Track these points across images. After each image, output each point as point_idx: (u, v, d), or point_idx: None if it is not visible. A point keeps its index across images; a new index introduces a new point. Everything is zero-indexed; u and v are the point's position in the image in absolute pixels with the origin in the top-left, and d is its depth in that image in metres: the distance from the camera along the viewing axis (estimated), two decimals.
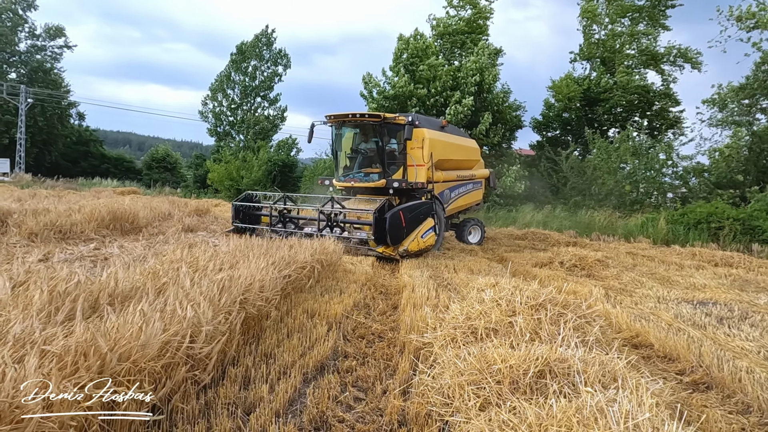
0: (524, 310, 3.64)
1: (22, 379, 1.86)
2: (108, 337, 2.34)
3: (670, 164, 21.52)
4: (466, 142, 13.98)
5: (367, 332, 4.56)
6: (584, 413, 2.18)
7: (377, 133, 11.03)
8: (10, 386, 1.79)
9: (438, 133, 11.92)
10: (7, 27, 45.69)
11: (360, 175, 11.23)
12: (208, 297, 3.41)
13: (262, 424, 2.66)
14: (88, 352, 2.17)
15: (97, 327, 2.45)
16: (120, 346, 2.32)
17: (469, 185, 13.54)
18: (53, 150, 47.35)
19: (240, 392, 3.05)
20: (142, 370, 2.36)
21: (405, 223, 8.92)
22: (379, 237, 8.78)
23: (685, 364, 4.20)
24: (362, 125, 11.16)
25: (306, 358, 3.63)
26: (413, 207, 9.39)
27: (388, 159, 11.02)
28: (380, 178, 10.92)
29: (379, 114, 10.78)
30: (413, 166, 11.18)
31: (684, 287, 8.04)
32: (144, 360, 2.39)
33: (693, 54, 27.72)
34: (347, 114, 10.76)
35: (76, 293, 3.26)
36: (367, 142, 11.37)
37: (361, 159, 11.42)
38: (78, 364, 2.09)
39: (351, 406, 3.06)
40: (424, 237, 9.54)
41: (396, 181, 10.78)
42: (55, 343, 2.29)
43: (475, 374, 2.82)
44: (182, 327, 2.79)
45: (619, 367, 2.81)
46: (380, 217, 8.79)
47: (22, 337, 2.38)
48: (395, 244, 8.92)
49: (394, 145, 11.18)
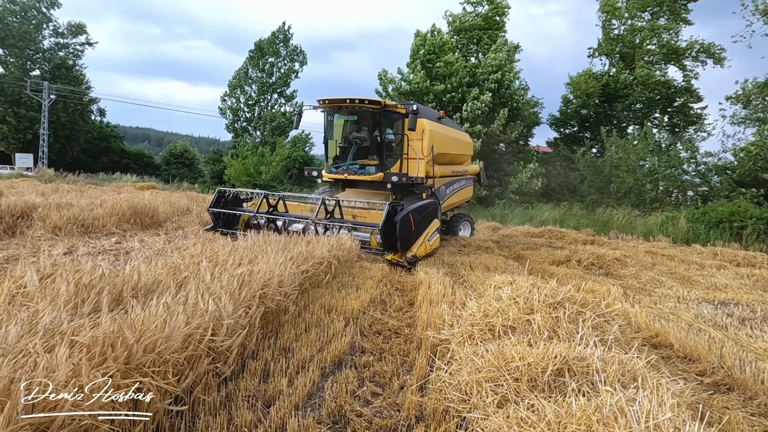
0: (542, 308, 3.62)
1: (54, 368, 1.93)
2: (134, 329, 2.40)
3: (691, 162, 21.11)
4: (461, 136, 13.35)
5: (383, 328, 4.58)
6: (604, 412, 2.17)
7: (376, 122, 10.11)
8: (42, 374, 1.86)
9: (437, 124, 11.18)
10: (32, 25, 46.66)
11: (355, 167, 10.27)
12: (228, 291, 3.46)
13: (281, 417, 2.70)
14: (115, 343, 2.22)
15: (123, 319, 2.51)
16: (145, 338, 2.38)
17: (462, 181, 12.89)
18: (75, 145, 48.29)
19: (260, 385, 3.10)
20: (166, 361, 2.42)
21: (414, 227, 8.07)
22: (387, 242, 7.89)
23: (705, 365, 4.15)
24: (360, 112, 10.07)
25: (324, 353, 3.67)
26: (422, 208, 8.41)
27: (386, 150, 10.18)
28: (377, 171, 10.04)
29: (379, 100, 9.75)
30: (413, 159, 10.34)
31: (705, 287, 7.92)
32: (168, 352, 2.44)
33: (716, 49, 27.13)
34: (344, 99, 9.75)
35: (101, 286, 3.34)
36: (360, 131, 10.42)
37: (355, 149, 10.42)
38: (106, 354, 2.15)
39: (368, 400, 3.08)
40: (431, 240, 8.72)
41: (395, 175, 9.86)
42: (83, 333, 2.35)
43: (492, 371, 2.83)
44: (204, 320, 2.84)
45: (639, 367, 2.78)
46: (389, 220, 7.83)
47: (51, 327, 2.45)
48: (405, 250, 8.00)
49: (391, 135, 10.38)
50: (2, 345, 2.13)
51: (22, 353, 2.06)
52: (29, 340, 2.22)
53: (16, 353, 2.08)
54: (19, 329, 2.38)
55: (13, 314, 2.67)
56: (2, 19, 44.54)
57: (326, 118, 10.62)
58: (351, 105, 9.77)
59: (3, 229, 8.11)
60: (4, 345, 2.13)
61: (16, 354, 2.06)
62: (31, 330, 2.44)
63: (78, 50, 50.31)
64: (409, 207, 8.11)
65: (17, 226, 8.38)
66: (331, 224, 8.57)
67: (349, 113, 10.36)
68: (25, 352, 2.09)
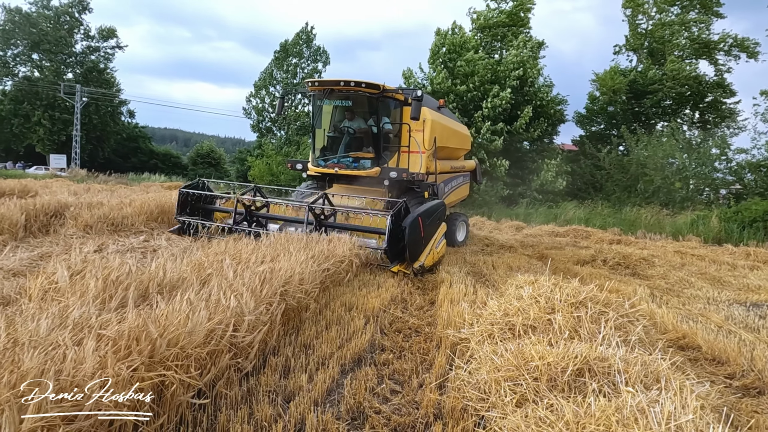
0: (563, 308, 3.58)
1: (82, 360, 2.00)
2: (158, 324, 2.47)
3: (723, 159, 20.48)
4: (459, 128, 12.24)
5: (404, 326, 4.59)
6: (624, 413, 2.14)
7: (373, 109, 8.93)
8: (71, 366, 1.93)
9: (438, 114, 10.12)
10: (65, 30, 48.24)
11: (347, 161, 9.10)
12: (250, 288, 3.53)
13: (301, 412, 2.74)
14: (140, 337, 2.29)
15: (147, 314, 2.59)
16: (169, 332, 2.44)
17: (459, 178, 11.80)
18: (106, 146, 49.78)
19: (280, 381, 3.14)
20: (189, 356, 2.48)
21: (423, 232, 7.05)
22: (393, 251, 6.77)
23: (735, 367, 4.03)
24: (355, 97, 8.89)
25: (344, 350, 3.70)
26: (430, 210, 7.33)
27: (383, 142, 9.08)
28: (373, 165, 8.92)
29: (377, 84, 8.62)
30: (415, 153, 9.20)
31: (736, 288, 7.69)
32: (191, 346, 2.50)
33: (750, 43, 26.24)
34: (337, 81, 8.64)
35: (128, 282, 3.44)
36: (353, 119, 9.24)
37: (348, 140, 9.22)
38: (131, 348, 2.22)
39: (387, 398, 3.10)
40: (438, 247, 7.55)
41: (393, 170, 8.79)
42: (110, 327, 2.43)
43: (512, 370, 2.81)
44: (226, 316, 2.91)
45: (662, 368, 2.73)
46: (396, 226, 6.76)
47: (80, 321, 2.54)
48: (414, 260, 6.93)
49: (388, 125, 9.22)
50: (34, 337, 2.22)
51: (52, 346, 2.14)
52: (59, 333, 2.31)
53: (46, 346, 2.16)
54: (50, 323, 2.47)
55: (44, 308, 2.78)
56: (37, 25, 46.16)
57: (315, 103, 9.53)
58: (345, 88, 8.67)
59: (37, 227, 8.40)
60: (35, 337, 2.22)
61: (46, 346, 2.14)
62: (61, 324, 2.53)
63: (109, 54, 51.88)
64: (418, 210, 7.14)
65: (51, 225, 8.67)
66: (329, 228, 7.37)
67: (342, 98, 9.08)
68: (55, 344, 2.18)
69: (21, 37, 45.63)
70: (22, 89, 44.80)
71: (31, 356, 1.91)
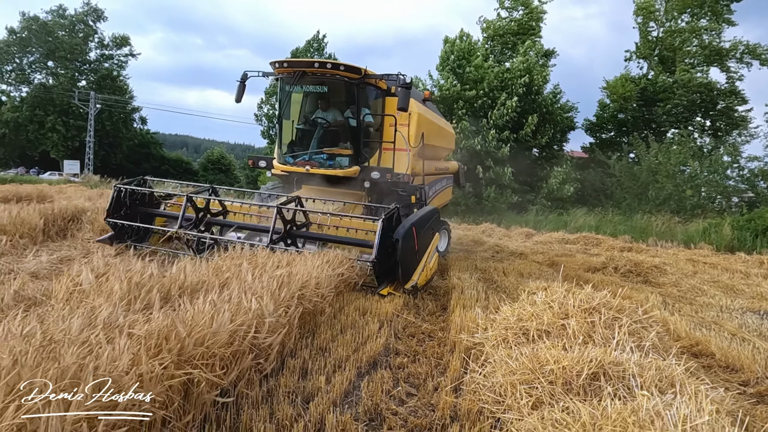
0: (577, 314, 3.62)
1: (116, 357, 2.08)
2: (185, 324, 2.56)
3: (735, 166, 20.35)
4: (445, 125, 11.14)
5: (417, 331, 4.65)
6: (640, 415, 2.18)
7: (351, 97, 7.71)
8: (106, 362, 2.01)
9: (424, 107, 8.97)
10: (80, 38, 49.13)
11: (320, 158, 7.82)
12: (269, 291, 3.61)
13: (320, 413, 2.81)
14: (169, 335, 2.38)
15: (175, 314, 2.68)
16: (195, 332, 2.53)
17: (443, 181, 10.74)
18: (118, 152, 50.42)
19: (299, 382, 3.21)
20: (214, 355, 2.56)
21: (418, 245, 6.05)
22: (381, 268, 5.66)
23: (749, 374, 4.04)
24: (332, 83, 7.64)
25: (359, 353, 3.76)
26: (424, 219, 6.40)
27: (364, 137, 7.91)
28: (352, 164, 7.71)
29: (359, 67, 7.46)
30: (401, 150, 8.05)
31: (749, 296, 7.65)
32: (216, 346, 2.59)
33: (763, 50, 26.11)
34: (311, 61, 7.47)
35: (151, 284, 3.54)
36: (327, 109, 8.01)
37: (321, 133, 7.92)
38: (161, 346, 2.31)
39: (403, 400, 3.16)
40: (431, 261, 6.50)
41: (376, 170, 7.64)
42: (138, 327, 2.52)
43: (527, 374, 2.86)
44: (248, 317, 2.99)
45: (677, 373, 2.77)
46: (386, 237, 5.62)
47: (109, 321, 2.63)
48: (407, 280, 5.87)
49: (369, 117, 8.00)
50: (67, 336, 2.31)
51: (86, 343, 2.23)
52: (90, 332, 2.40)
53: (79, 343, 2.25)
54: (81, 322, 2.57)
55: (74, 309, 2.88)
56: (53, 33, 47.06)
57: (282, 89, 8.11)
58: (320, 71, 7.40)
59: (55, 231, 8.57)
60: (69, 336, 2.31)
61: (79, 344, 2.23)
62: (90, 323, 2.63)
63: (122, 61, 52.71)
64: (410, 218, 6.21)
65: (68, 229, 8.84)
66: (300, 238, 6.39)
67: (316, 83, 7.75)
68: (88, 342, 2.27)
69: (37, 45, 46.55)
70: (37, 96, 45.62)
71: (71, 352, 2.00)
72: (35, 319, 2.56)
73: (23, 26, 46.29)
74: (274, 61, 7.68)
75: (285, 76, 7.78)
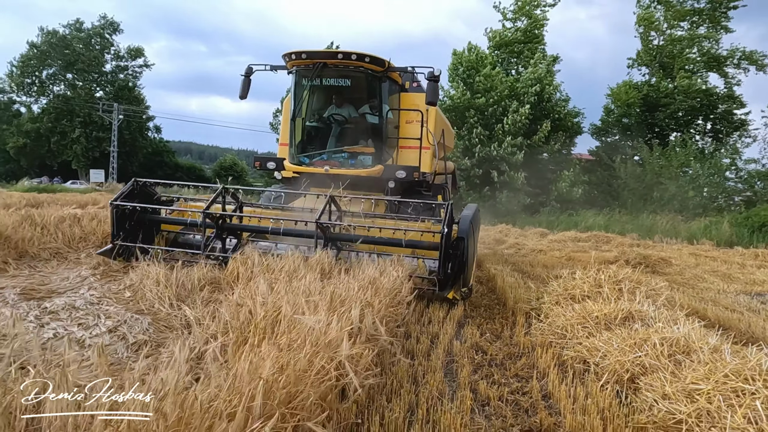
0: (608, 284, 5.00)
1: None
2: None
3: (733, 168, 21.72)
4: (449, 123, 10.86)
5: (480, 304, 6.00)
6: (656, 330, 3.56)
7: (372, 92, 7.39)
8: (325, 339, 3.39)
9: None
10: (97, 50, 50.84)
11: (341, 156, 7.42)
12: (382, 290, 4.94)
13: (446, 344, 4.18)
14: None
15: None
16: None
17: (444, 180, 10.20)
18: (134, 161, 52.04)
19: (424, 327, 4.59)
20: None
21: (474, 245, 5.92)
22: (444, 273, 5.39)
23: (736, 332, 5.36)
24: (354, 76, 7.22)
25: (449, 317, 5.10)
26: (476, 217, 6.24)
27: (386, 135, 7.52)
28: (374, 162, 7.35)
29: (382, 59, 7.06)
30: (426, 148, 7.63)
31: (744, 282, 8.88)
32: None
33: (759, 56, 27.50)
34: (334, 52, 7.06)
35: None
36: (341, 105, 7.59)
37: (339, 131, 7.56)
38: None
39: (492, 341, 4.52)
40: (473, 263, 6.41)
41: (401, 169, 7.14)
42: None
43: (579, 319, 4.24)
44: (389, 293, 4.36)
45: (680, 316, 4.14)
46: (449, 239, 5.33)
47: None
48: (466, 282, 5.63)
49: (390, 113, 7.67)
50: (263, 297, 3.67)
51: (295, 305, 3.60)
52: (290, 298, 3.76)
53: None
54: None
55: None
56: (70, 46, 48.73)
57: (296, 83, 7.56)
58: (344, 62, 6.92)
59: None
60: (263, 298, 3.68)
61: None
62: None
63: (137, 72, 54.39)
64: (464, 215, 5.91)
65: None
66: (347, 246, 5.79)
67: (338, 76, 7.26)
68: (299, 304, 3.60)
69: (56, 57, 48.26)
70: (58, 107, 47.30)
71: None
72: (288, 287, 3.92)
73: (43, 40, 48.04)
74: (289, 53, 7.14)
75: (302, 69, 7.31)
